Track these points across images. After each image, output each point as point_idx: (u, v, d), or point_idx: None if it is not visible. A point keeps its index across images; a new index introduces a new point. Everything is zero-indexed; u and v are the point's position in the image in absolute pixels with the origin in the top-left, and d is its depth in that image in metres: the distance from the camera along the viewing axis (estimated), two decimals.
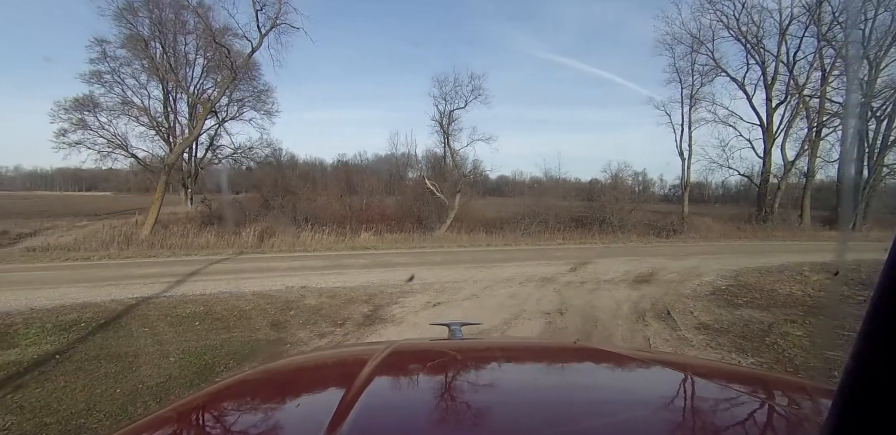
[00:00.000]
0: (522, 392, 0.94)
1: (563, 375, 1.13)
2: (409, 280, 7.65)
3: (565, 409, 0.82)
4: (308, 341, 4.79)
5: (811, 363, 4.38)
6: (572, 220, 18.37)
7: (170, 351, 4.45)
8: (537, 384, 1.01)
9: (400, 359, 1.17)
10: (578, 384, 1.04)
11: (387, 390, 0.92)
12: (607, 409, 0.84)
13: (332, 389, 0.96)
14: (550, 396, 0.91)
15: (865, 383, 0.33)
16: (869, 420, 0.32)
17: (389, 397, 0.88)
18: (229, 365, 4.14)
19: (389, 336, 4.99)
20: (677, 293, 7.31)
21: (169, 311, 5.78)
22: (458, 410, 0.82)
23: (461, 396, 0.90)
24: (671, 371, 1.10)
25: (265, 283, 7.51)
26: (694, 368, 1.20)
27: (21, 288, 7.02)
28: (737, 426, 0.77)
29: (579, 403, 0.89)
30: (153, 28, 20.12)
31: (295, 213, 17.11)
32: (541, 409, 0.81)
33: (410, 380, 1.05)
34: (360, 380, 0.90)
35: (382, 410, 0.80)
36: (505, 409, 0.82)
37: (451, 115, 19.15)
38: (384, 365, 1.05)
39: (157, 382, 3.76)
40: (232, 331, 5.10)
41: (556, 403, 0.86)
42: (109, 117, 22.44)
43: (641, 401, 0.88)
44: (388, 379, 1.00)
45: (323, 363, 1.31)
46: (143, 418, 0.87)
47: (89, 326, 5.14)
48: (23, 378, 3.81)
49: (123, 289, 6.93)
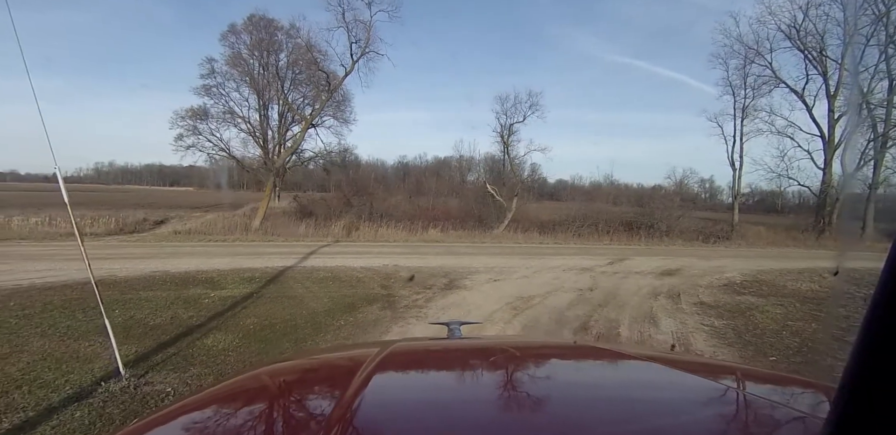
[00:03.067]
0: (521, 392, 0.94)
1: (563, 375, 1.13)
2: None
3: (565, 408, 0.84)
4: (409, 296, 7.01)
5: (770, 326, 6.03)
6: (622, 224, 19.76)
7: (321, 296, 6.80)
8: (536, 384, 1.03)
9: (399, 359, 1.18)
10: (578, 384, 1.04)
11: (385, 391, 0.92)
12: (607, 408, 0.85)
13: (331, 389, 0.98)
14: (550, 395, 0.92)
15: (866, 382, 0.33)
16: (870, 419, 0.32)
17: (387, 398, 0.89)
18: (362, 305, 6.40)
19: (467, 297, 7.11)
20: (694, 283, 8.93)
21: (308, 275, 8.24)
22: (456, 409, 0.83)
23: (460, 396, 0.91)
24: (671, 370, 1.10)
25: (366, 261, 9.90)
26: (694, 367, 1.23)
27: (196, 258, 9.79)
28: (737, 425, 0.78)
29: (579, 402, 0.90)
30: (251, 48, 23.60)
31: (372, 210, 19.72)
32: (540, 408, 0.83)
33: (409, 380, 1.07)
34: (359, 380, 0.90)
35: (380, 411, 0.81)
36: (504, 409, 0.83)
37: (511, 128, 21.17)
38: (383, 365, 1.05)
39: (322, 310, 6.07)
40: (356, 288, 7.43)
41: (556, 402, 0.87)
42: (217, 124, 26.30)
43: (641, 400, 0.89)
44: (387, 379, 1.00)
45: (322, 363, 1.32)
46: (144, 419, 0.89)
47: (262, 281, 7.65)
48: (244, 303, 6.27)
49: (267, 260, 9.54)
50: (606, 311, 6.49)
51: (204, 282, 7.40)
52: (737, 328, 5.88)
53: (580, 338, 5.06)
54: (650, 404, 0.86)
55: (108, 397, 3.39)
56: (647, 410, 0.82)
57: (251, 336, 4.90)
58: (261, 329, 5.17)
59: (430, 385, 1.03)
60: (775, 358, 4.80)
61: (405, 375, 1.11)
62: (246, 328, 5.17)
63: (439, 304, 6.63)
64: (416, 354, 1.34)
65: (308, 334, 5.07)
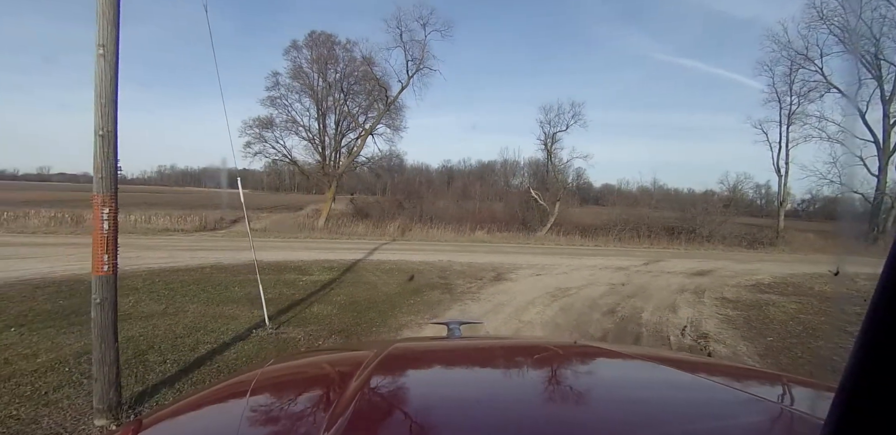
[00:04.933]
0: (521, 391, 0.94)
1: (563, 375, 1.13)
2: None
3: (565, 408, 0.85)
4: (463, 284, 8.29)
5: (780, 317, 6.89)
6: (663, 228, 20.33)
7: (390, 283, 8.19)
8: (536, 384, 1.04)
9: (398, 359, 1.18)
10: (578, 383, 1.05)
11: (384, 390, 0.93)
12: (607, 408, 0.86)
13: (331, 389, 0.98)
14: (550, 395, 0.93)
15: (866, 382, 0.33)
16: (870, 419, 0.32)
17: (386, 397, 0.90)
18: (426, 290, 7.72)
19: (513, 287, 8.31)
20: (722, 283, 9.74)
21: (376, 266, 9.69)
22: (455, 409, 0.83)
23: (458, 396, 0.91)
24: (671, 370, 1.11)
25: (422, 257, 11.28)
26: (694, 367, 1.25)
27: (280, 251, 11.47)
28: (738, 425, 0.78)
29: (578, 402, 0.90)
30: (311, 62, 25.76)
31: (422, 212, 21.23)
32: (540, 408, 0.83)
33: (408, 380, 1.07)
34: (358, 380, 0.91)
35: (379, 410, 0.82)
36: (504, 408, 0.82)
37: (554, 137, 22.21)
38: (382, 365, 1.06)
39: (394, 292, 7.43)
40: (419, 277, 8.78)
41: (556, 402, 0.88)
42: (280, 133, 28.70)
43: (642, 400, 0.89)
44: (386, 379, 1.01)
45: (322, 363, 1.32)
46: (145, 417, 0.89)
47: (340, 270, 9.14)
48: (330, 285, 7.74)
49: (339, 254, 11.09)
50: (634, 301, 7.53)
51: (294, 269, 8.97)
52: (748, 317, 6.79)
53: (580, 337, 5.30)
54: (650, 404, 0.86)
55: (261, 339, 4.85)
56: (647, 410, 0.83)
57: (344, 308, 6.31)
58: (349, 304, 6.58)
59: (429, 385, 1.04)
60: (772, 338, 5.74)
61: (405, 375, 1.11)
62: (339, 302, 6.60)
63: (489, 291, 7.88)
64: (416, 353, 1.36)
65: (387, 308, 6.43)
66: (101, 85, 2.99)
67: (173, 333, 4.90)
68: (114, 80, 3.03)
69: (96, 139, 3.00)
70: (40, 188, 53.65)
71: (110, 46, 3.00)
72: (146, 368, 3.93)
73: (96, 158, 3.00)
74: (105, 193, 3.00)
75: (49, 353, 4.20)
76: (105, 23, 2.98)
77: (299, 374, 1.21)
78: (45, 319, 5.21)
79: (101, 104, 2.99)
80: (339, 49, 26.25)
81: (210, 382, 1.58)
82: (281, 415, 0.87)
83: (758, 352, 5.18)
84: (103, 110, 2.99)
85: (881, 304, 0.33)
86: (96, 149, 3.00)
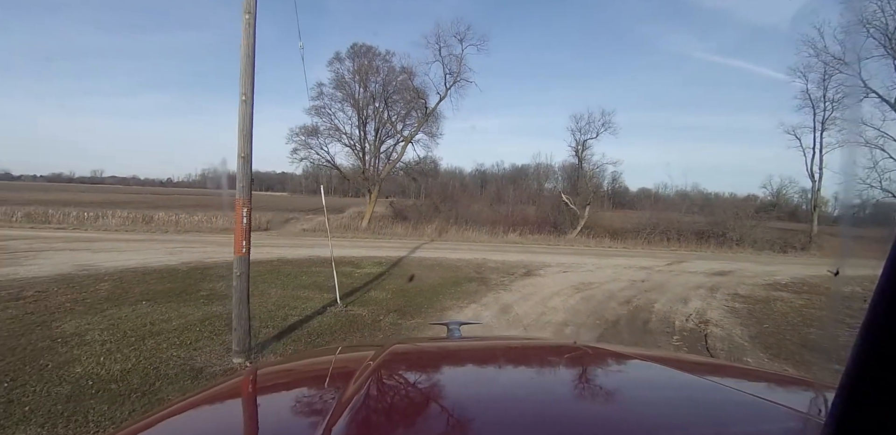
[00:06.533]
0: (520, 392, 0.94)
1: (562, 375, 1.14)
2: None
3: (564, 408, 0.85)
4: (497, 278, 9.37)
5: (783, 310, 7.65)
6: (692, 232, 20.78)
7: (433, 276, 9.34)
8: (536, 383, 1.03)
9: (398, 359, 1.19)
10: (577, 384, 1.05)
11: (384, 390, 0.93)
12: (606, 408, 0.86)
13: (331, 389, 0.98)
14: (549, 395, 0.93)
15: (866, 382, 0.33)
16: (870, 419, 0.33)
17: (386, 397, 0.90)
18: (464, 282, 8.83)
19: (541, 281, 9.33)
20: (739, 282, 10.45)
21: (419, 262, 10.88)
22: (454, 409, 0.83)
23: (458, 396, 0.91)
24: (671, 370, 1.11)
25: (459, 255, 12.42)
26: (693, 367, 1.26)
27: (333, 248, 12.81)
28: (738, 425, 0.78)
29: (578, 401, 0.91)
30: (353, 72, 27.40)
31: (457, 215, 22.40)
32: (540, 408, 0.83)
33: (408, 380, 1.07)
34: (359, 380, 0.92)
35: (379, 410, 0.82)
36: (503, 409, 0.83)
37: (585, 144, 23.01)
38: (382, 365, 1.06)
39: (436, 283, 8.58)
40: (457, 272, 9.91)
41: (556, 402, 0.88)
42: (324, 139, 30.53)
43: (641, 400, 0.90)
44: (386, 379, 1.01)
45: (322, 364, 1.32)
46: (144, 419, 0.89)
47: (387, 264, 10.38)
48: (381, 277, 8.96)
49: (384, 252, 12.35)
50: (650, 294, 8.42)
51: (348, 263, 10.25)
52: (752, 310, 7.59)
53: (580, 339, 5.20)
54: (649, 404, 0.87)
55: (335, 314, 6.08)
56: (647, 410, 0.83)
57: (396, 294, 7.50)
58: (400, 291, 7.77)
59: (428, 385, 1.04)
60: (767, 325, 6.56)
61: (404, 376, 1.11)
62: (391, 289, 7.80)
63: (519, 283, 8.93)
64: (416, 354, 1.37)
65: (432, 295, 7.57)
66: (242, 122, 4.26)
67: (265, 308, 6.19)
68: (250, 119, 4.29)
69: (238, 160, 4.27)
70: (96, 190, 57.95)
71: (249, 95, 4.27)
72: (254, 332, 5.19)
73: (238, 172, 4.27)
74: (244, 198, 4.27)
75: (179, 319, 5.55)
76: (246, 78, 4.25)
77: (300, 374, 1.23)
78: (162, 296, 6.61)
79: (243, 136, 4.26)
80: (379, 60, 27.88)
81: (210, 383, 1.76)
82: (282, 415, 0.88)
83: (750, 334, 6.04)
84: (245, 140, 4.26)
85: (881, 304, 0.33)
86: (239, 166, 4.27)
